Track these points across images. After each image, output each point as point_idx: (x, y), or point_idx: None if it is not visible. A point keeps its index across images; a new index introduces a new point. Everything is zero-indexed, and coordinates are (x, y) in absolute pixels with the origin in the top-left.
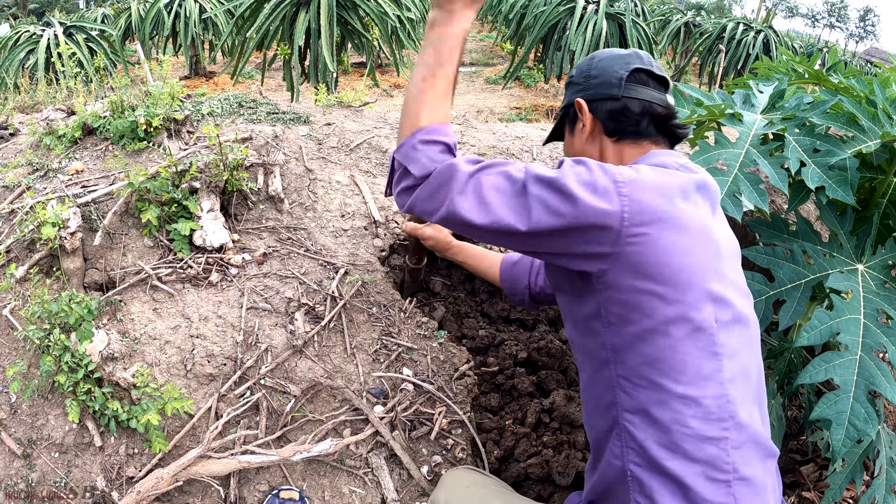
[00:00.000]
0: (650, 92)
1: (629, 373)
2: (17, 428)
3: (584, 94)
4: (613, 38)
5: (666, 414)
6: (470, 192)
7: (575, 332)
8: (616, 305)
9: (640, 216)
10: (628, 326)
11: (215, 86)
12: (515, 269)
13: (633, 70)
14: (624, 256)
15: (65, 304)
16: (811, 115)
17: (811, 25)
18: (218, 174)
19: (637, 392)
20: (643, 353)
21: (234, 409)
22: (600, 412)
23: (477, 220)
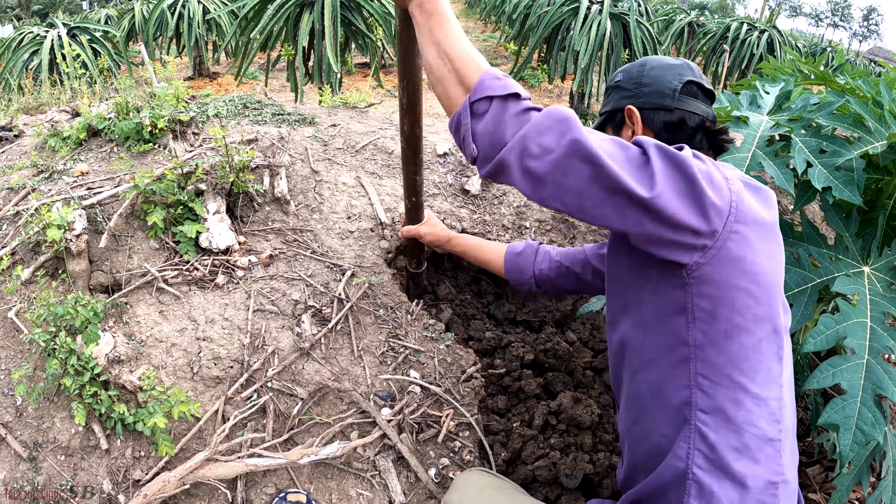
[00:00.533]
0: (700, 105)
1: (710, 371)
2: (22, 431)
3: (634, 101)
4: (617, 38)
5: (741, 414)
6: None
7: (639, 328)
8: (706, 301)
9: (743, 215)
10: (717, 323)
11: (219, 87)
12: (520, 259)
13: (687, 82)
14: (724, 251)
15: (70, 307)
16: (818, 116)
17: (815, 25)
18: (224, 176)
19: (716, 391)
20: (728, 351)
21: (240, 411)
22: (665, 413)
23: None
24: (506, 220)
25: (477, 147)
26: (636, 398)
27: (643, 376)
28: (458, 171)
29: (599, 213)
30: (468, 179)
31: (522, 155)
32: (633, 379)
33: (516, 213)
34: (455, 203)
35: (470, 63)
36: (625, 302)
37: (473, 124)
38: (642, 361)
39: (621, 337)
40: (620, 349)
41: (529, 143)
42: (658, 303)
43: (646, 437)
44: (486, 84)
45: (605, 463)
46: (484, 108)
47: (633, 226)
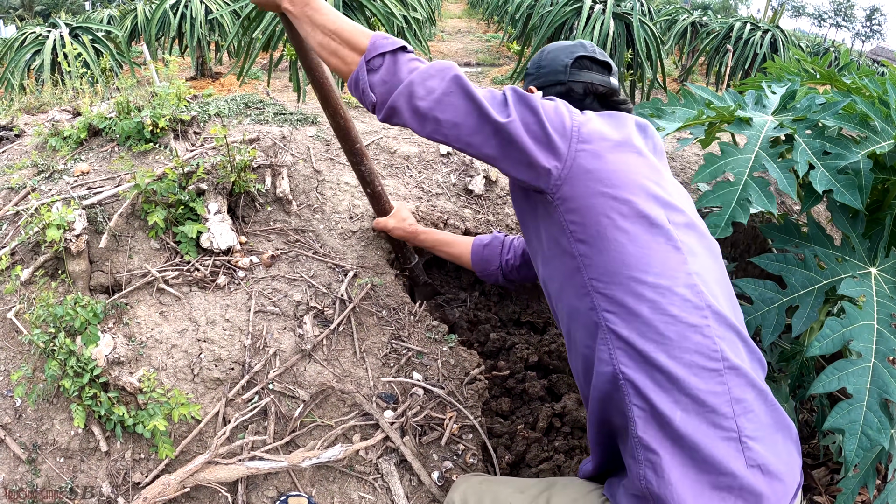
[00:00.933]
0: (592, 75)
1: (599, 273)
2: (21, 433)
3: (536, 81)
4: (620, 37)
5: (644, 305)
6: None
7: (548, 266)
8: (574, 214)
9: (587, 135)
10: (589, 229)
11: (221, 86)
12: (486, 252)
13: (577, 57)
14: (575, 168)
15: (70, 308)
16: (823, 116)
17: (817, 25)
18: (225, 176)
19: (611, 289)
20: (608, 251)
21: (241, 414)
22: (582, 326)
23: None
24: (509, 219)
25: (375, 95)
26: (562, 323)
27: (560, 305)
28: (461, 171)
29: (472, 140)
30: (471, 179)
31: (411, 97)
32: (557, 311)
33: None
34: (458, 203)
35: (356, 30)
36: (534, 241)
37: (370, 77)
38: (555, 291)
39: (545, 278)
40: (546, 291)
41: (416, 87)
42: (545, 233)
43: (577, 357)
44: (377, 43)
45: None
46: (378, 63)
47: (498, 152)
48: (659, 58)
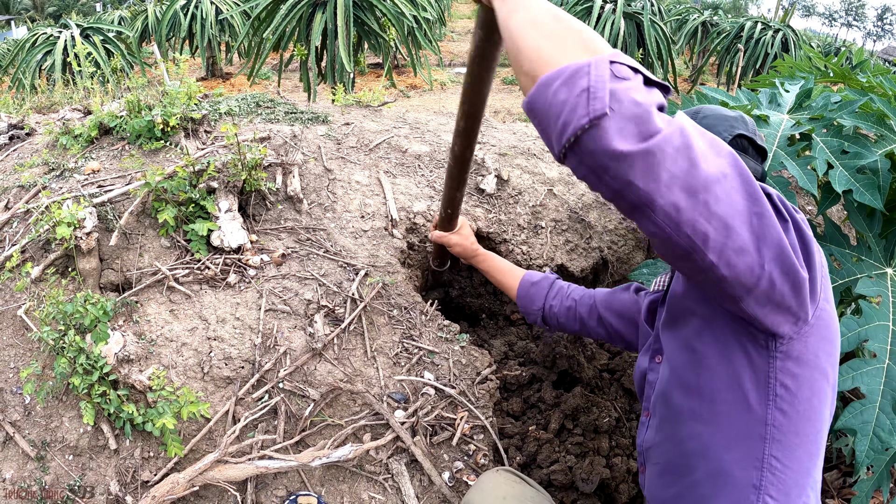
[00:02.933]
0: (749, 161)
1: (784, 453)
2: (31, 430)
3: None
4: (631, 37)
5: (801, 500)
6: None
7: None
8: (791, 379)
9: (827, 290)
10: (799, 405)
11: (232, 87)
12: (532, 290)
13: (737, 135)
14: (815, 328)
15: (80, 305)
16: (839, 115)
17: (828, 24)
18: (236, 174)
19: (786, 475)
20: (803, 434)
21: (251, 412)
22: (724, 492)
23: None
24: (521, 219)
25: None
26: (682, 469)
27: (697, 446)
28: (473, 171)
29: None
30: (483, 178)
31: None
32: (682, 446)
33: (532, 212)
34: (470, 202)
35: (593, 33)
36: (683, 361)
37: (613, 82)
38: (698, 435)
39: (671, 400)
40: (668, 411)
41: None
42: (732, 373)
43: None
44: (624, 56)
45: (623, 468)
46: (626, 74)
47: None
48: (670, 58)
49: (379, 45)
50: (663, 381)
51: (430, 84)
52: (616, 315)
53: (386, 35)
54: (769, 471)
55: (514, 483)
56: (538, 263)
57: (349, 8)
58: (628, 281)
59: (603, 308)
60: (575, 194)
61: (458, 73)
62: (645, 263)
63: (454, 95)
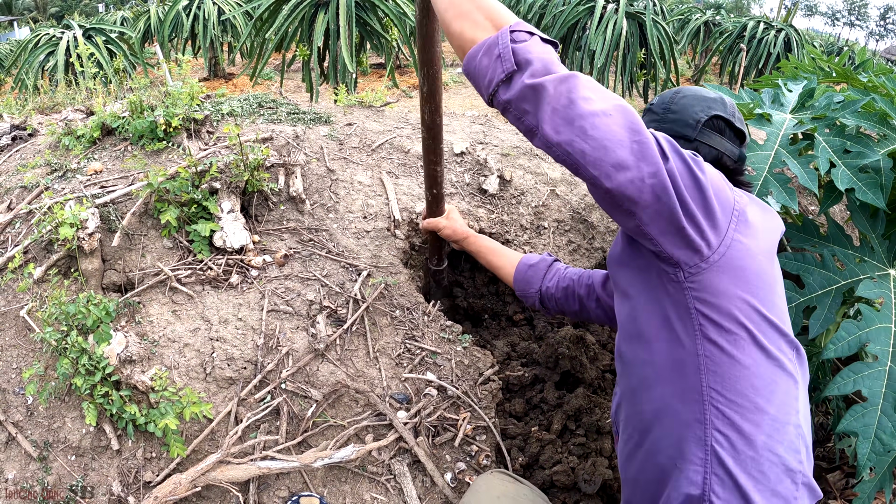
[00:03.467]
0: (724, 142)
1: (723, 385)
2: (33, 430)
3: (658, 126)
4: (633, 37)
5: (760, 437)
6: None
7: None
8: (710, 309)
9: (746, 224)
10: (727, 335)
11: (234, 87)
12: (530, 272)
13: (713, 116)
14: (727, 257)
15: (82, 306)
16: (842, 114)
17: (831, 24)
18: (238, 174)
19: (732, 409)
20: (740, 366)
21: (254, 413)
22: (672, 432)
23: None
24: (524, 219)
25: (517, 62)
26: (637, 417)
27: (645, 394)
28: (475, 171)
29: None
30: (486, 179)
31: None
32: (633, 398)
33: (534, 212)
34: (473, 202)
35: (496, 4)
36: (628, 304)
37: (514, 45)
38: (643, 377)
39: (622, 353)
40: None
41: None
42: (655, 307)
43: (648, 462)
44: (522, 25)
45: None
46: (523, 37)
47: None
48: (672, 57)
49: (381, 46)
50: (617, 339)
51: None
52: (612, 295)
53: (388, 35)
54: (711, 403)
55: (509, 483)
56: None
57: (351, 8)
58: None
59: (600, 289)
60: (577, 195)
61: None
62: None
63: (457, 95)
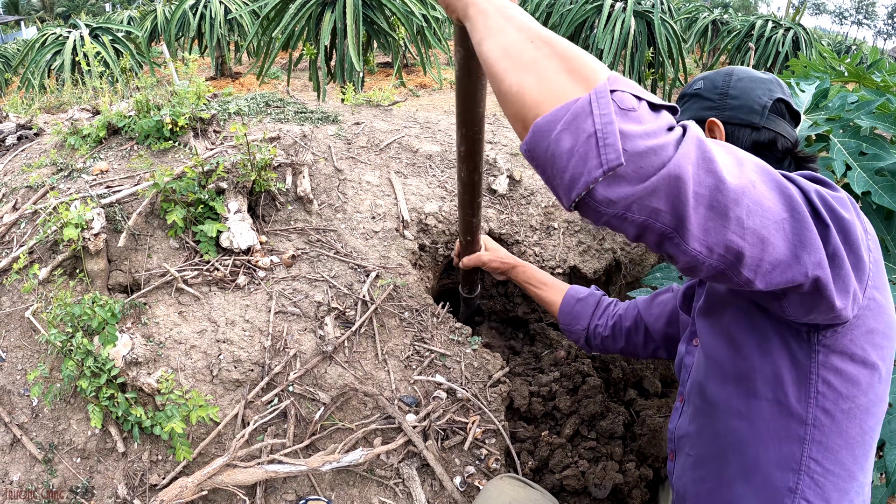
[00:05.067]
0: (786, 126)
1: (825, 456)
2: (38, 432)
3: (718, 114)
4: (641, 36)
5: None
6: None
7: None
8: (833, 375)
9: (879, 278)
10: (843, 403)
11: (241, 86)
12: (577, 307)
13: (777, 99)
14: (861, 320)
15: (88, 307)
16: (857, 115)
17: (838, 23)
18: (245, 174)
19: (827, 479)
20: (847, 435)
21: (261, 416)
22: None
23: None
24: (534, 220)
25: (627, 149)
26: (717, 463)
27: (733, 447)
28: (484, 171)
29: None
30: (495, 179)
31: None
32: (716, 443)
33: (544, 213)
34: (482, 203)
35: (578, 50)
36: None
37: (622, 120)
38: (734, 429)
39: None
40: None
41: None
42: (767, 367)
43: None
44: (622, 80)
45: (635, 473)
46: (631, 104)
47: None
48: (681, 56)
49: (388, 44)
50: (699, 369)
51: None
52: (660, 318)
53: (395, 34)
54: (807, 474)
55: (520, 488)
56: (550, 265)
57: (358, 7)
58: (641, 284)
59: (647, 317)
60: None
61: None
62: (658, 267)
63: None
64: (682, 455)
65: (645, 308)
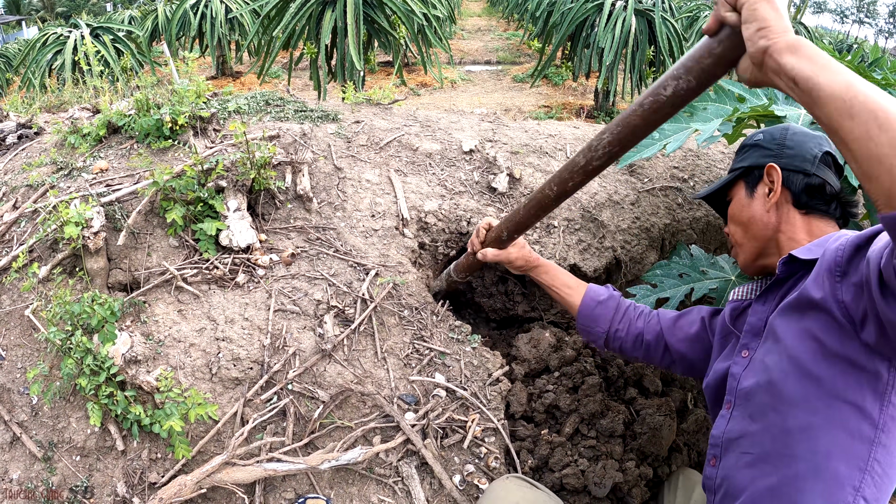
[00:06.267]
0: (831, 175)
1: (885, 459)
2: (37, 430)
3: (776, 160)
4: (642, 34)
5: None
6: None
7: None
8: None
9: None
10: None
11: (242, 85)
12: (598, 310)
13: (825, 152)
14: None
15: (87, 305)
16: None
17: (840, 22)
18: (245, 173)
19: (883, 481)
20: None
21: (260, 414)
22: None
23: None
24: None
25: None
26: (784, 458)
27: (806, 444)
28: (484, 169)
29: None
30: (495, 177)
31: None
32: (787, 440)
33: None
34: (482, 201)
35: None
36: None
37: None
38: (812, 424)
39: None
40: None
41: None
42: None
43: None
44: None
45: (636, 472)
46: None
47: None
48: (682, 55)
49: (389, 43)
50: (775, 370)
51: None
52: (682, 340)
53: (396, 33)
54: (870, 474)
55: (526, 489)
56: None
57: (359, 6)
58: (641, 281)
59: (669, 335)
60: (588, 193)
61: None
62: (658, 265)
63: (465, 93)
64: (734, 455)
65: (668, 327)
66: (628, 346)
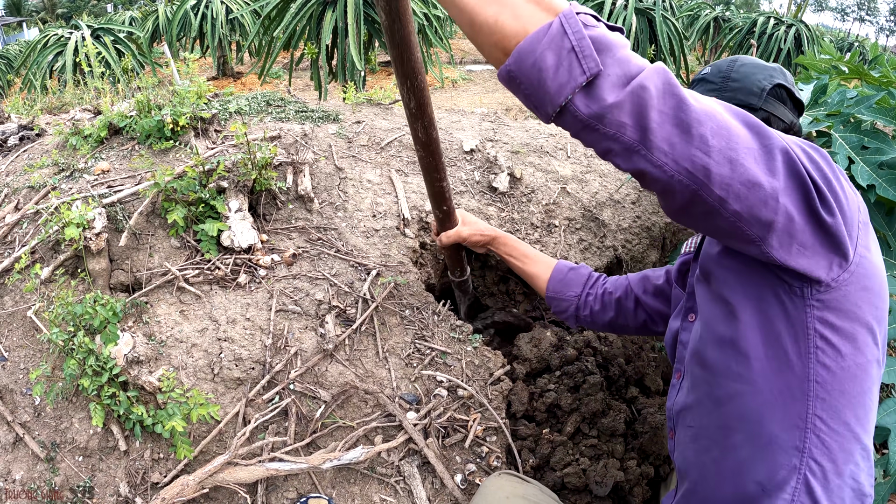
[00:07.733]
0: (786, 112)
1: (829, 414)
2: (40, 431)
3: (719, 95)
4: (643, 33)
5: (849, 467)
6: None
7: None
8: (830, 331)
9: (869, 239)
10: (844, 360)
11: (243, 86)
12: (570, 275)
13: (776, 85)
14: (854, 278)
15: (89, 306)
16: (857, 109)
17: (840, 19)
18: (246, 173)
19: (832, 438)
20: (849, 393)
21: (262, 414)
22: (764, 455)
23: None
24: (534, 217)
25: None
26: (720, 430)
27: (736, 411)
28: (485, 168)
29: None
30: (496, 177)
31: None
32: (717, 410)
33: (545, 210)
34: (483, 201)
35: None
36: (717, 314)
37: (591, 33)
38: (735, 393)
39: (705, 358)
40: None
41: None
42: (764, 325)
43: (728, 476)
44: (579, 6)
45: (637, 471)
46: (593, 24)
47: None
48: (682, 53)
49: None
50: (696, 339)
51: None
52: (652, 295)
53: None
54: (813, 432)
55: (518, 483)
56: None
57: (359, 6)
58: None
59: (638, 288)
60: (588, 192)
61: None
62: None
63: (465, 93)
64: (683, 429)
65: (636, 281)
66: (598, 307)
